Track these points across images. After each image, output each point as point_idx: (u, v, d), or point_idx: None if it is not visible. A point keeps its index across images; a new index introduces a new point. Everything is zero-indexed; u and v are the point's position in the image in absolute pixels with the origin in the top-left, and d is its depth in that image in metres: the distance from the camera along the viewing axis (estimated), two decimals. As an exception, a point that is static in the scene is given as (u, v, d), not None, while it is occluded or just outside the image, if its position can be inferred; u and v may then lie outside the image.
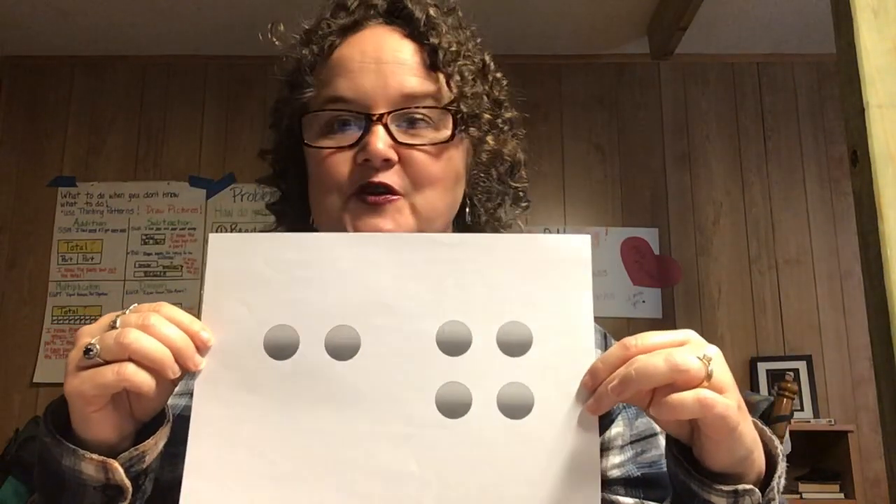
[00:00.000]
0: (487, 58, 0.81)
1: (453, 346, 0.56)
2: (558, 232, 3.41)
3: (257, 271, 0.57)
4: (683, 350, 0.54)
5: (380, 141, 0.69)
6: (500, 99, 0.81)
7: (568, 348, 0.56)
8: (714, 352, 0.54)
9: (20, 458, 2.91)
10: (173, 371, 0.54)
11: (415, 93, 0.72)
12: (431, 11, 0.76)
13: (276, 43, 0.79)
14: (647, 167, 3.49)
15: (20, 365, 3.24)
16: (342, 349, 0.56)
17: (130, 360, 0.53)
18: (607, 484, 0.70)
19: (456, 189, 0.76)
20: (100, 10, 3.20)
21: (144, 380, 0.53)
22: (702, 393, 0.52)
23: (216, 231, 3.39)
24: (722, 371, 0.54)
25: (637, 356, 0.53)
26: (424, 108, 0.72)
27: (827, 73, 3.52)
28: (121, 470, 0.55)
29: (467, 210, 0.79)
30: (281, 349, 0.56)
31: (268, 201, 0.84)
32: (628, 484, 0.70)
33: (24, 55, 3.55)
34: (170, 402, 0.60)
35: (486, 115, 0.77)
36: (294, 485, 0.54)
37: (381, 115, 0.70)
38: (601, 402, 0.54)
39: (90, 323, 0.58)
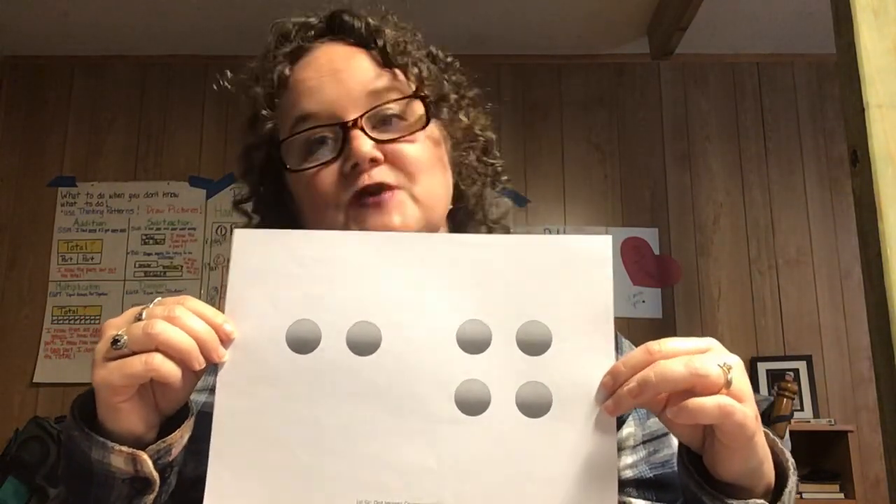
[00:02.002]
0: (434, 48, 0.82)
1: (473, 344, 0.57)
2: (558, 232, 3.41)
3: (280, 266, 0.58)
4: (704, 357, 0.54)
5: (363, 144, 0.69)
6: (458, 80, 0.82)
7: (587, 348, 0.56)
8: (735, 361, 0.55)
9: (20, 458, 2.91)
10: (199, 362, 0.55)
11: (378, 89, 0.73)
12: (370, 19, 0.77)
13: (230, 88, 0.81)
14: (647, 167, 3.49)
15: (20, 365, 3.24)
16: (363, 345, 0.57)
17: (157, 350, 0.54)
18: (620, 485, 0.70)
19: (446, 174, 0.77)
20: (100, 10, 3.20)
21: (171, 370, 0.54)
22: (722, 399, 0.52)
23: (216, 231, 3.40)
24: (741, 380, 0.54)
25: (659, 361, 0.54)
26: (394, 101, 0.73)
27: (827, 73, 3.52)
28: (149, 462, 0.56)
29: (457, 191, 0.80)
30: (303, 343, 0.57)
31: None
32: (640, 486, 0.70)
33: (24, 55, 3.54)
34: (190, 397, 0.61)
35: (452, 95, 0.79)
36: (313, 477, 0.55)
37: (356, 120, 0.71)
38: (620, 403, 0.55)
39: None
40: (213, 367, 0.58)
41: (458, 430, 0.55)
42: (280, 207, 0.79)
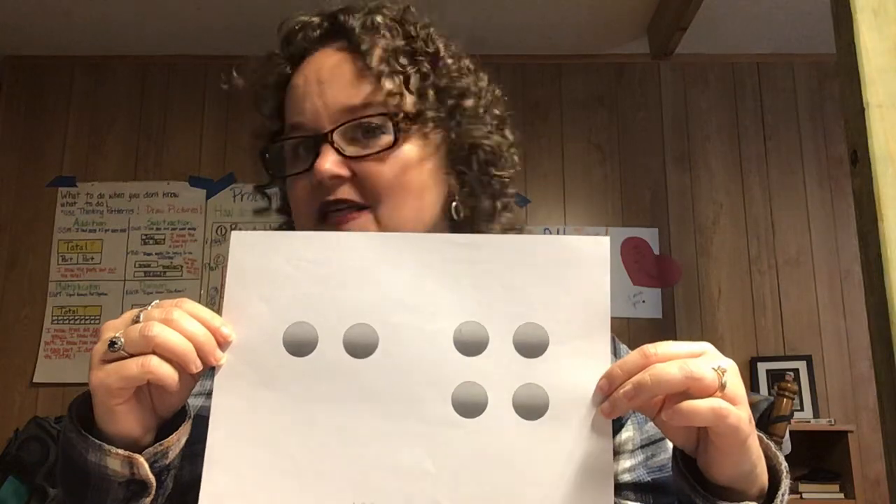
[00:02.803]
0: (441, 46, 0.78)
1: (470, 346, 0.56)
2: (558, 232, 3.41)
3: (278, 269, 0.58)
4: (699, 360, 0.54)
5: (326, 161, 0.69)
6: (454, 90, 0.77)
7: (584, 351, 0.56)
8: (729, 364, 0.55)
9: (20, 458, 2.91)
10: (196, 365, 0.55)
11: (352, 104, 0.71)
12: (373, 18, 0.75)
13: (235, 86, 0.81)
14: (647, 167, 3.49)
15: (20, 365, 3.24)
16: (360, 347, 0.57)
17: (154, 353, 0.54)
18: (618, 489, 0.70)
19: (424, 193, 0.73)
20: (100, 10, 3.20)
21: (168, 372, 0.54)
22: (716, 402, 0.52)
23: (216, 231, 3.40)
24: (735, 383, 0.54)
25: (654, 364, 0.54)
26: (366, 117, 0.71)
27: (827, 73, 3.52)
28: (146, 465, 0.56)
29: (454, 206, 0.76)
30: (300, 346, 0.57)
31: (276, 226, 0.84)
32: (638, 489, 0.70)
33: (24, 55, 3.55)
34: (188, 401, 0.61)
35: (430, 113, 0.74)
36: (310, 480, 0.55)
37: (326, 134, 0.71)
38: (616, 406, 0.55)
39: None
40: (210, 370, 0.57)
41: (455, 432, 0.55)
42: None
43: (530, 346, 0.56)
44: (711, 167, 3.49)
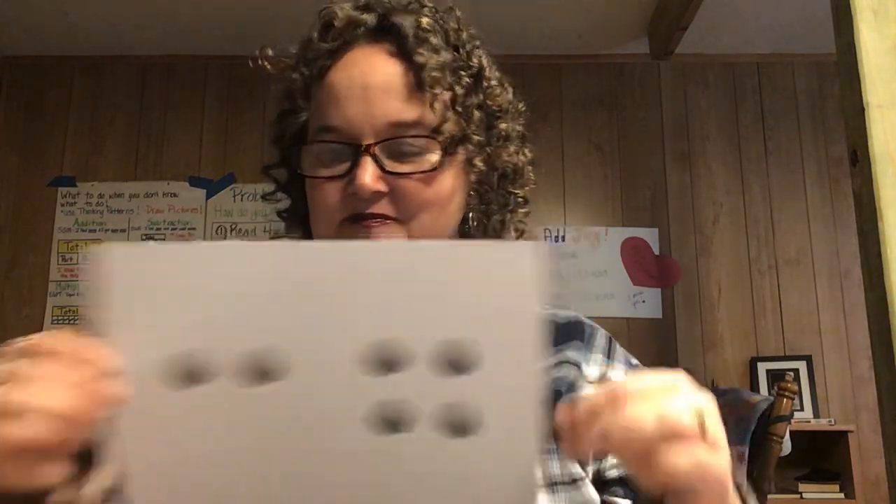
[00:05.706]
0: (485, 61, 0.78)
1: (390, 361, 0.50)
2: (558, 232, 3.41)
3: (163, 288, 0.49)
4: (675, 402, 0.48)
5: (367, 174, 0.68)
6: (493, 110, 0.78)
7: (511, 366, 0.51)
8: (706, 401, 0.49)
9: (20, 458, 2.91)
10: (77, 430, 0.46)
11: (401, 121, 0.70)
12: (424, 22, 0.73)
13: (268, 67, 0.79)
14: (647, 167, 3.49)
15: (20, 365, 3.24)
16: (262, 372, 0.49)
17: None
18: (606, 485, 0.70)
19: (450, 207, 0.74)
20: (100, 10, 3.20)
21: (50, 436, 0.45)
22: (699, 456, 0.47)
23: (216, 231, 3.40)
24: (715, 425, 0.49)
25: (624, 409, 0.48)
26: (411, 136, 0.70)
27: (827, 73, 3.52)
28: None
29: (471, 216, 0.77)
30: (193, 375, 0.49)
31: (277, 208, 0.83)
32: (626, 483, 0.70)
33: (24, 55, 3.55)
34: None
35: (476, 137, 0.74)
36: None
37: (369, 146, 0.69)
38: (577, 454, 0.52)
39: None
40: None
41: (374, 453, 0.50)
42: (303, 182, 0.76)
43: (454, 361, 0.51)
44: (711, 167, 3.49)
